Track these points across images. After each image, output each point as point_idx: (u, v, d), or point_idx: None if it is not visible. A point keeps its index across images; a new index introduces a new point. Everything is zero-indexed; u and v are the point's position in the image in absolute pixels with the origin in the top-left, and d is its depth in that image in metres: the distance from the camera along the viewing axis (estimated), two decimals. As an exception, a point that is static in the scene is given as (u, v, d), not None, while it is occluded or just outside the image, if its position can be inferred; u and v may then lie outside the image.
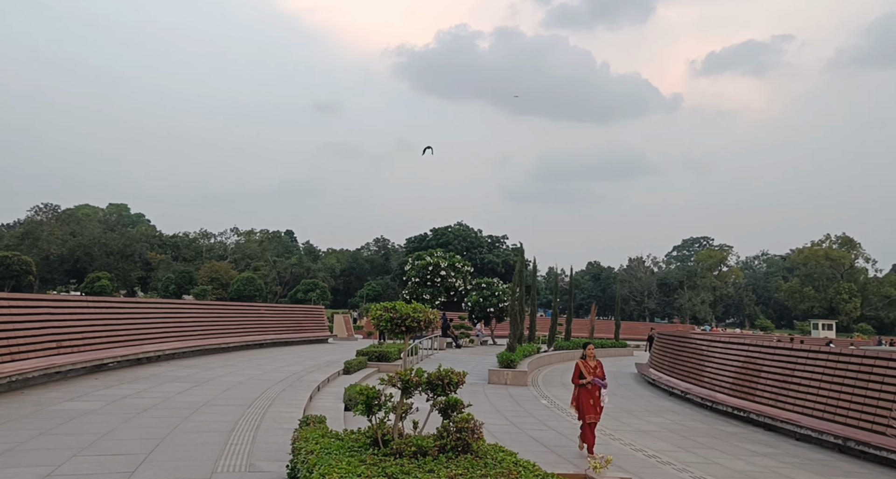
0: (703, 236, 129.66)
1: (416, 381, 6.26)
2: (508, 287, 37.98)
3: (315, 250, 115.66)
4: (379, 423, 6.40)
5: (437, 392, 6.33)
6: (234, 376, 16.23)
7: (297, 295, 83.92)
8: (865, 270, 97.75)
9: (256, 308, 28.33)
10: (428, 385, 6.32)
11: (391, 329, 6.62)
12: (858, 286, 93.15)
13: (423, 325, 6.50)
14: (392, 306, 6.62)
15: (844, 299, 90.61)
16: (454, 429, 6.24)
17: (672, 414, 15.90)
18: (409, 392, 6.40)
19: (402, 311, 6.55)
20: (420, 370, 6.47)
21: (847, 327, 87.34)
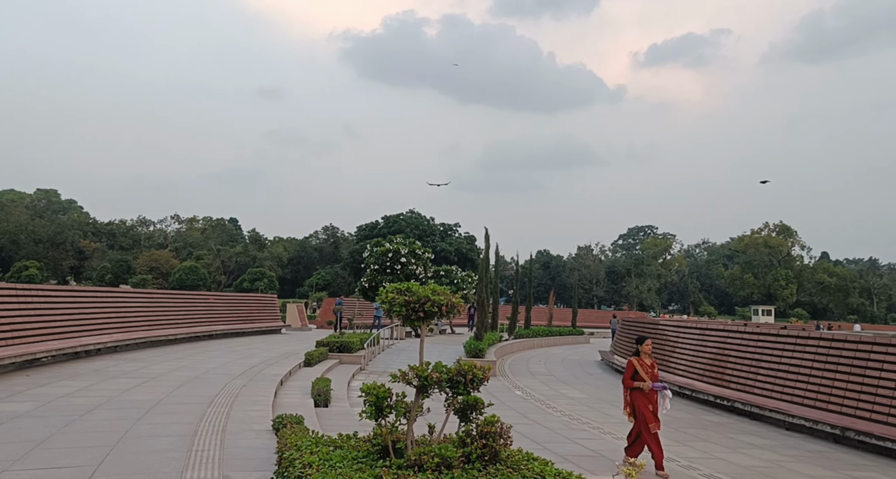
0: (647, 225, 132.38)
1: (437, 377, 5.30)
2: (467, 275, 37.29)
3: (261, 238, 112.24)
4: (390, 428, 5.42)
5: (458, 390, 5.38)
6: (186, 371, 14.87)
7: (242, 285, 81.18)
8: (801, 257, 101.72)
9: (205, 297, 26.67)
10: (449, 383, 5.37)
11: (406, 316, 5.61)
12: (794, 273, 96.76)
13: (444, 310, 5.53)
14: (406, 287, 5.61)
15: (782, 286, 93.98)
16: (477, 434, 5.33)
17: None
18: (425, 391, 5.44)
19: (421, 293, 5.54)
20: (440, 365, 5.51)
21: (784, 313, 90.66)
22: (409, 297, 5.48)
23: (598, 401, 15.70)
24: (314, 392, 12.47)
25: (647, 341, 8.66)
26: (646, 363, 8.52)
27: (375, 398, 5.35)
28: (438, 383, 5.32)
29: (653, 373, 8.44)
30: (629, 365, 8.58)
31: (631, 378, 8.48)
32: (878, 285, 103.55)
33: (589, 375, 22.26)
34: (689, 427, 12.29)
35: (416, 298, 5.48)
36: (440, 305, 5.47)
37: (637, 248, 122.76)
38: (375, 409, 5.35)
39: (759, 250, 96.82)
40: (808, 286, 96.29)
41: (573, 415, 13.35)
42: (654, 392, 8.38)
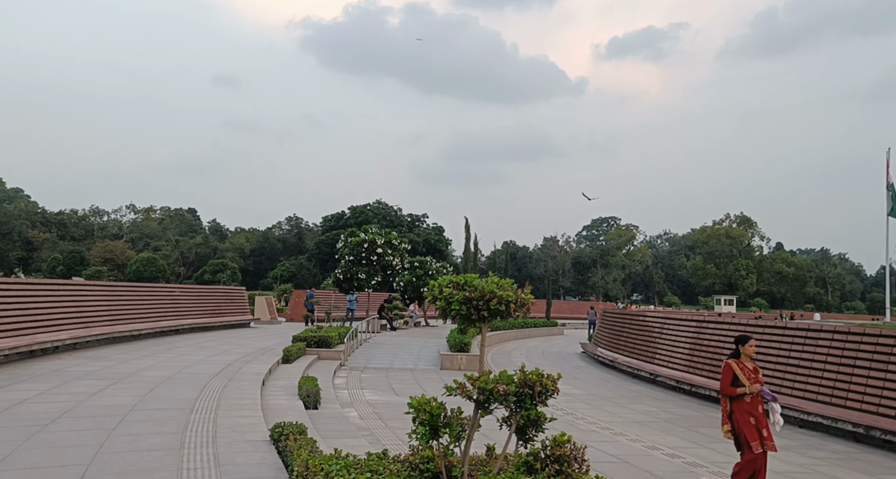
0: (610, 216, 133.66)
1: (504, 391, 4.39)
2: (442, 266, 36.48)
3: (222, 228, 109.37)
4: (444, 450, 4.55)
5: (524, 405, 4.51)
6: (158, 370, 13.69)
7: (204, 277, 78.89)
8: (761, 247, 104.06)
9: (170, 290, 25.23)
10: (515, 396, 4.50)
11: (466, 316, 4.67)
12: (754, 263, 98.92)
13: (512, 308, 4.63)
14: (465, 280, 4.67)
15: (742, 276, 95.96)
16: (547, 457, 4.50)
17: (652, 400, 14.90)
18: (487, 407, 4.56)
19: (485, 288, 4.59)
20: (506, 374, 4.62)
21: (744, 302, 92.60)
22: (471, 293, 4.55)
23: (596, 398, 15.10)
24: (302, 393, 11.51)
25: (750, 341, 7.11)
26: (748, 368, 6.99)
27: (429, 416, 4.46)
28: (505, 398, 4.42)
29: (757, 379, 6.97)
30: (727, 370, 7.05)
31: (731, 385, 6.96)
32: (833, 274, 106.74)
33: (576, 368, 21.75)
34: (700, 426, 11.75)
35: (479, 293, 4.54)
36: (507, 301, 4.56)
37: (601, 239, 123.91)
38: (430, 429, 4.46)
39: (721, 241, 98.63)
40: (767, 276, 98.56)
41: (576, 414, 12.68)
42: (757, 401, 6.86)
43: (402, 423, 10.88)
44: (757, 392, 6.86)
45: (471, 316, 4.64)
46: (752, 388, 6.85)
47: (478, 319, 4.70)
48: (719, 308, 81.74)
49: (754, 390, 6.85)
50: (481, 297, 4.57)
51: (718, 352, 14.89)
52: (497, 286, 4.61)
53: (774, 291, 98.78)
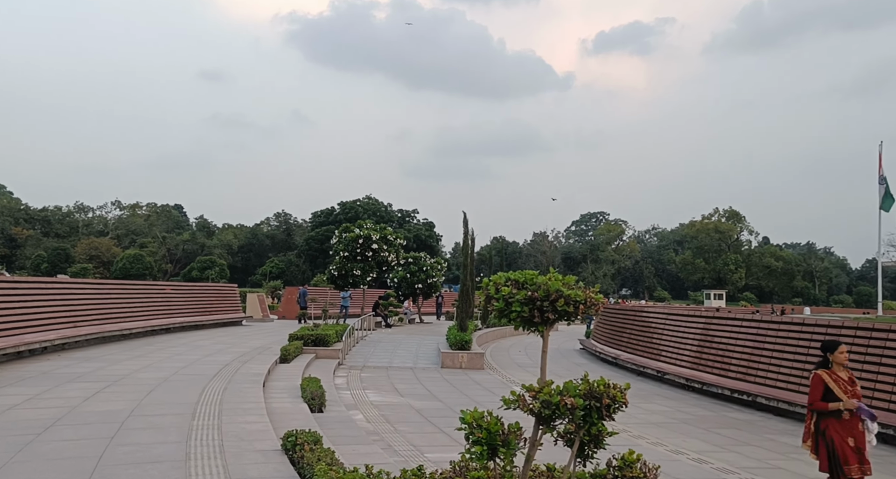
0: (599, 211, 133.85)
1: (571, 404, 3.90)
2: (436, 262, 36.03)
3: (210, 225, 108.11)
4: (502, 471, 4.08)
5: (592, 419, 4.03)
6: (152, 372, 13.15)
7: (192, 273, 77.84)
8: (749, 242, 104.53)
9: (161, 287, 24.58)
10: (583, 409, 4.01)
11: (528, 318, 4.18)
12: (743, 257, 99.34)
13: (581, 308, 4.16)
14: (527, 278, 4.17)
15: (731, 270, 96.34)
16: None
17: (663, 399, 14.53)
18: (550, 421, 4.08)
19: (550, 286, 4.10)
20: (571, 385, 4.13)
21: (733, 297, 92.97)
22: (534, 292, 4.08)
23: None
24: (306, 396, 11.03)
25: (840, 347, 6.18)
26: (841, 378, 6.04)
27: (487, 434, 3.97)
28: (572, 412, 3.92)
29: (854, 391, 6.02)
30: (816, 382, 6.12)
31: (822, 399, 6.02)
32: (820, 268, 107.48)
33: (577, 365, 21.40)
34: (720, 427, 11.39)
35: (544, 293, 4.06)
36: (576, 302, 4.10)
37: (590, 234, 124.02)
38: (488, 449, 3.98)
39: (710, 236, 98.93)
40: (755, 270, 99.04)
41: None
42: (857, 419, 5.90)
43: (411, 427, 10.45)
44: (855, 408, 5.93)
45: (532, 318, 4.14)
46: (849, 403, 5.92)
47: (540, 321, 4.20)
48: (709, 303, 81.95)
49: (852, 406, 5.92)
50: (546, 296, 4.09)
51: (728, 350, 14.57)
52: (563, 284, 4.12)
53: (763, 285, 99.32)
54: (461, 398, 13.53)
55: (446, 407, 12.38)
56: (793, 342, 12.54)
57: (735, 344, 14.22)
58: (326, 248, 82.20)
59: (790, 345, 12.56)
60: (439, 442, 9.41)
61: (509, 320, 4.30)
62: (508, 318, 4.29)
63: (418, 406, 12.35)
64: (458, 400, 13.27)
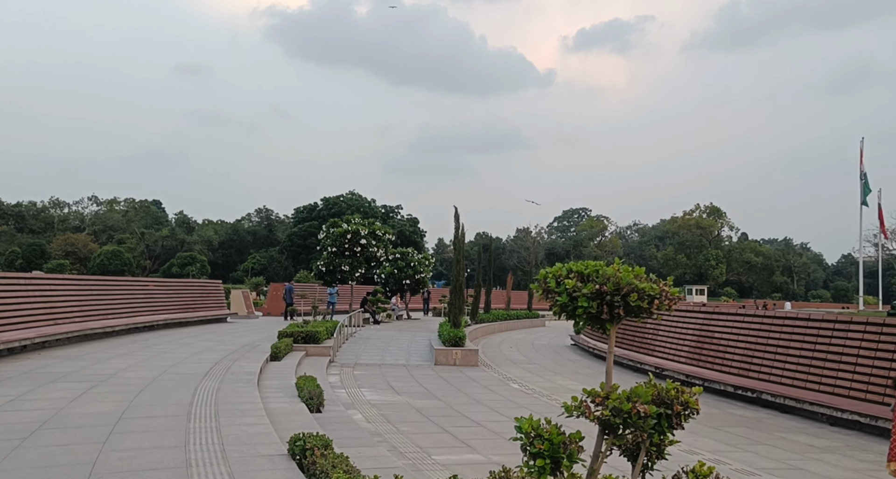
0: (581, 207, 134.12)
1: (644, 411, 3.50)
2: (424, 258, 35.64)
3: (189, 221, 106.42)
4: None
5: (662, 427, 3.65)
6: (140, 371, 12.62)
7: (172, 270, 76.55)
8: (730, 237, 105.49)
9: (144, 284, 23.90)
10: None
11: (595, 315, 3.76)
12: (724, 253, 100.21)
13: (656, 304, 3.77)
14: (592, 269, 3.76)
15: (712, 266, 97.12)
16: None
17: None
18: (621, 431, 3.70)
19: (621, 279, 3.67)
20: (641, 389, 3.75)
21: (714, 292, 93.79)
22: (602, 285, 3.69)
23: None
24: (304, 395, 10.62)
25: None
26: None
27: (549, 446, 3.60)
28: (644, 420, 3.53)
29: None
30: None
31: None
32: (798, 263, 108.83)
33: (571, 361, 21.19)
34: (729, 426, 11.18)
35: (613, 286, 3.66)
36: (650, 296, 3.73)
37: (572, 230, 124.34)
38: (551, 463, 3.60)
39: (692, 231, 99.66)
40: (735, 266, 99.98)
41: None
42: None
43: (413, 427, 10.08)
44: None
45: (600, 315, 3.75)
46: None
47: (609, 318, 3.81)
48: (690, 298, 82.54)
49: None
50: (616, 290, 3.70)
51: (729, 346, 14.42)
52: (634, 276, 3.73)
53: (743, 280, 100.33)
54: (459, 396, 13.22)
55: (446, 406, 12.05)
56: (798, 338, 12.38)
57: (737, 340, 14.04)
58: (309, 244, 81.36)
59: (796, 341, 12.40)
60: (445, 443, 9.07)
61: (572, 316, 3.90)
62: (571, 314, 3.89)
63: (418, 405, 11.99)
64: (457, 398, 12.96)
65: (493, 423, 10.58)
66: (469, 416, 11.11)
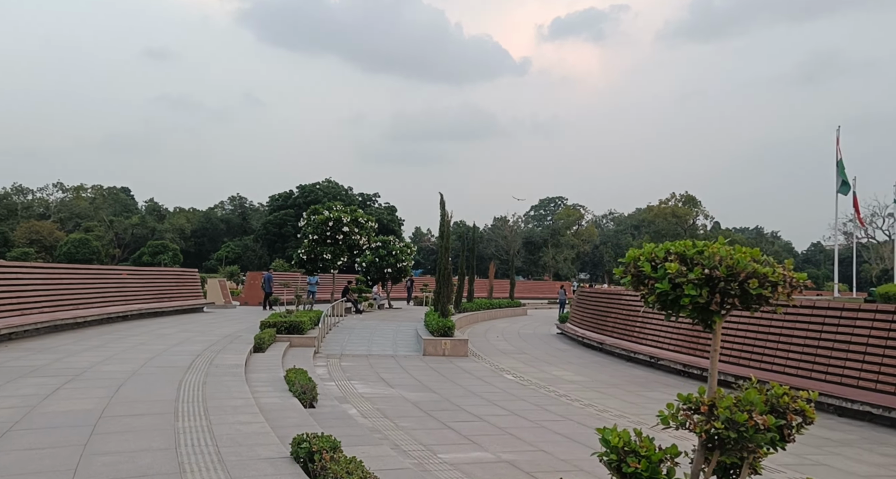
0: (558, 196, 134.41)
1: (763, 423, 2.93)
2: (406, 246, 35.05)
3: (160, 208, 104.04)
4: None
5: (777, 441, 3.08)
6: (117, 364, 11.88)
7: (142, 259, 74.67)
8: (705, 226, 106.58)
9: (117, 272, 22.93)
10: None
11: (704, 305, 3.09)
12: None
13: (779, 292, 3.14)
14: (697, 248, 3.21)
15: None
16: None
17: (663, 386, 14.01)
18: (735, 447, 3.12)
19: (737, 262, 3.05)
20: (754, 394, 3.18)
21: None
22: (711, 268, 3.06)
23: (604, 385, 14.13)
24: (296, 389, 10.03)
25: None
26: None
27: (647, 465, 3.06)
28: (762, 433, 2.95)
29: None
30: None
31: None
32: (770, 252, 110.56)
33: (560, 351, 20.85)
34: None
35: (726, 270, 3.04)
36: (773, 283, 3.11)
37: (549, 218, 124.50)
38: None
39: (668, 220, 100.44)
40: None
41: (595, 405, 11.65)
42: None
43: (412, 422, 9.57)
44: None
45: (709, 305, 3.14)
46: None
47: (719, 309, 3.19)
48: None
49: None
50: (731, 275, 3.07)
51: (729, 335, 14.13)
52: (752, 259, 3.14)
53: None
54: (455, 388, 12.74)
55: (443, 399, 11.56)
56: (802, 327, 12.12)
57: (737, 329, 13.77)
58: (285, 232, 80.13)
59: (799, 329, 12.14)
60: (450, 440, 8.58)
61: (673, 308, 3.30)
62: (673, 305, 3.27)
63: (413, 398, 11.49)
64: (452, 390, 12.48)
65: (494, 417, 10.13)
66: (468, 410, 10.64)
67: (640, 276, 3.28)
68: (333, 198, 73.72)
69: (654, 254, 3.24)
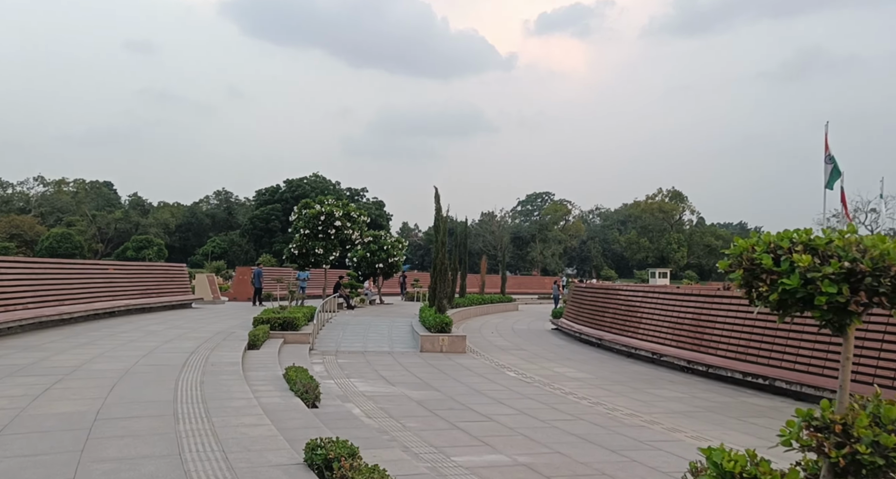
0: (545, 191, 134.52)
1: None
2: (397, 240, 34.66)
3: (144, 203, 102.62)
4: None
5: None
6: (108, 362, 11.42)
7: (126, 253, 73.71)
8: (691, 221, 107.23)
9: (103, 267, 22.32)
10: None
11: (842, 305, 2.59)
12: (685, 236, 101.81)
13: None
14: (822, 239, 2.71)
15: (674, 249, 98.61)
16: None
17: (669, 383, 13.76)
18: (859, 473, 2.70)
19: (889, 254, 2.51)
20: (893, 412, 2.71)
21: (676, 275, 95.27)
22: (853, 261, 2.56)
23: (608, 382, 13.86)
24: (297, 389, 9.65)
25: None
26: None
27: None
28: None
29: None
30: None
31: None
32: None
33: (558, 347, 20.60)
34: (748, 416, 10.65)
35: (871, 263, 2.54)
36: None
37: (535, 214, 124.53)
38: None
39: (654, 215, 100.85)
40: (696, 249, 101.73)
41: (603, 403, 11.37)
42: None
43: (419, 422, 9.23)
44: None
45: (847, 306, 2.65)
46: None
47: (859, 311, 2.67)
48: (654, 281, 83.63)
49: None
50: (881, 270, 2.55)
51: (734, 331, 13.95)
52: None
53: (703, 263, 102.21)
54: (457, 386, 12.40)
55: (447, 397, 11.22)
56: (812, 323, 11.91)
57: (742, 325, 13.58)
58: (272, 227, 79.30)
59: (811, 325, 11.93)
60: (461, 442, 8.24)
61: (799, 307, 2.84)
62: (800, 305, 2.80)
63: (417, 397, 11.14)
64: (456, 388, 12.15)
65: (503, 417, 9.80)
66: (475, 409, 10.31)
67: (755, 270, 2.85)
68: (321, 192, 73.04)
69: (775, 244, 2.80)
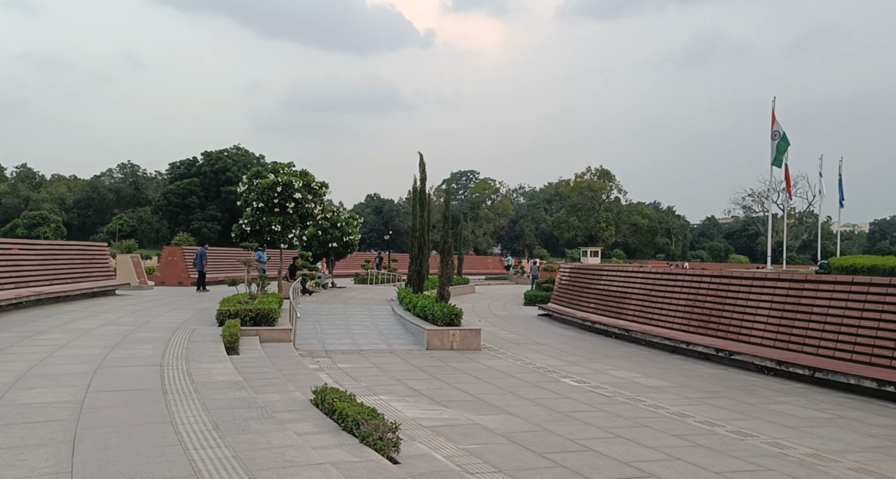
0: (469, 170, 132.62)
1: None
2: (351, 217, 31.14)
3: (35, 175, 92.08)
4: None
5: None
6: (38, 389, 7.60)
7: (16, 232, 65.38)
8: (619, 200, 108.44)
9: (6, 246, 17.62)
10: None
11: None
12: (613, 215, 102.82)
13: None
14: None
15: (602, 228, 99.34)
16: None
17: (775, 393, 11.24)
18: None
19: None
20: None
21: (605, 254, 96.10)
22: None
23: (702, 392, 11.34)
24: (362, 431, 6.42)
25: None
26: None
27: None
28: None
29: None
30: None
31: None
32: (676, 225, 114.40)
33: (573, 338, 18.07)
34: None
35: None
36: None
37: (462, 193, 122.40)
38: None
39: (584, 194, 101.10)
40: (623, 228, 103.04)
41: (748, 433, 8.82)
42: None
43: (540, 476, 6.21)
44: None
45: None
46: None
47: None
48: (585, 260, 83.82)
49: None
50: None
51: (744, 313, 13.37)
52: None
53: (630, 242, 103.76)
54: (529, 406, 9.29)
55: (538, 428, 7.99)
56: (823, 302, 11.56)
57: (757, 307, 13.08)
58: (190, 203, 72.49)
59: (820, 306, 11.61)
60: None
61: None
62: None
63: (494, 427, 8.00)
64: (529, 410, 9.03)
65: (651, 464, 6.80)
66: (598, 449, 7.09)
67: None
68: (244, 166, 67.39)
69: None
